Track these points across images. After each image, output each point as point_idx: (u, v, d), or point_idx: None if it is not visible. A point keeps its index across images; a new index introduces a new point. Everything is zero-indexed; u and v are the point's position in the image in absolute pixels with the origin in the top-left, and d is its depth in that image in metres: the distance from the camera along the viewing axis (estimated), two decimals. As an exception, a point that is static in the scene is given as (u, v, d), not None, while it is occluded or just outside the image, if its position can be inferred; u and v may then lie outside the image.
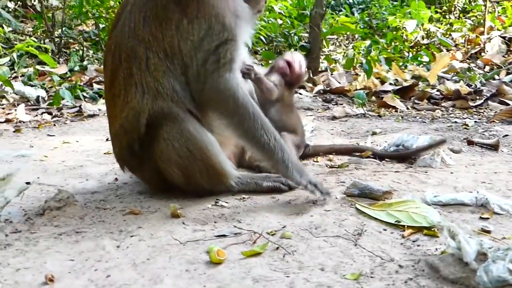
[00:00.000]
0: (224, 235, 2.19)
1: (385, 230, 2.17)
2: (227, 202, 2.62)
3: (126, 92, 2.62)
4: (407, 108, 5.77)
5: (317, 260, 1.91)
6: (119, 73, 2.64)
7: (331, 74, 7.91)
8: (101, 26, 10.05)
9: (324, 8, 7.16)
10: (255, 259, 1.94)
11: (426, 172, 2.92)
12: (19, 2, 14.56)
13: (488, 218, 2.22)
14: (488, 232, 2.05)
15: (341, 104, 6.07)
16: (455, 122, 4.78)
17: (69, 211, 2.48)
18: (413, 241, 2.03)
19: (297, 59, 3.35)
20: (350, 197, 2.56)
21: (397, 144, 3.25)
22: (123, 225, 2.35)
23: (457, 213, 2.31)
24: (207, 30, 2.55)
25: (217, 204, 2.61)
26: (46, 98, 6.51)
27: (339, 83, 7.08)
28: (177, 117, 2.56)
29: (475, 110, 5.52)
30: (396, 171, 3.00)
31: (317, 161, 3.40)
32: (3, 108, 5.88)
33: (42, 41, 9.46)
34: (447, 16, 12.45)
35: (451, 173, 2.90)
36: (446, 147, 3.40)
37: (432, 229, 2.08)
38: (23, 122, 5.23)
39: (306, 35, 9.09)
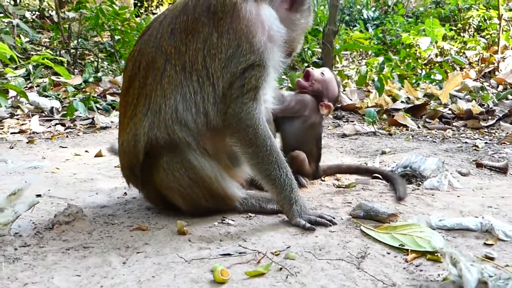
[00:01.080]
0: (229, 254, 2.20)
1: (388, 253, 2.17)
2: (233, 220, 2.65)
3: (138, 102, 2.61)
4: (418, 127, 5.77)
5: (320, 282, 1.92)
6: (135, 81, 2.64)
7: (343, 91, 7.94)
8: (116, 38, 10.19)
9: (337, 25, 7.19)
10: (259, 279, 1.96)
11: (433, 195, 2.92)
12: (37, 13, 14.85)
13: (492, 245, 2.22)
14: (492, 259, 2.05)
15: (352, 122, 6.08)
16: (466, 142, 4.77)
17: (78, 225, 2.52)
18: (416, 266, 2.03)
19: (315, 71, 3.33)
20: (355, 218, 2.57)
21: (405, 165, 3.25)
22: (130, 241, 2.38)
23: (462, 238, 2.30)
24: (236, 48, 2.50)
25: (224, 222, 2.63)
26: (60, 109, 6.62)
27: (351, 100, 7.10)
28: (177, 147, 2.55)
29: (486, 130, 5.50)
30: (403, 193, 3.00)
31: (324, 180, 3.42)
32: (17, 119, 5.98)
33: (58, 52, 9.62)
34: (461, 34, 12.43)
35: (458, 196, 2.90)
36: (454, 170, 3.40)
37: (436, 254, 2.08)
38: (37, 133, 5.33)
39: (320, 50, 9.13)
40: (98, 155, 4.37)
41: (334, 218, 2.58)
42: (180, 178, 2.57)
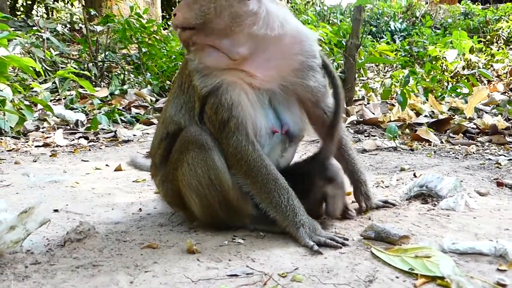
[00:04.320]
0: (236, 275, 2.19)
1: (397, 277, 2.13)
2: (243, 239, 2.64)
3: (171, 98, 2.86)
4: (442, 142, 5.67)
5: (324, 307, 1.89)
6: (175, 81, 2.91)
7: (367, 104, 7.88)
8: (143, 50, 10.36)
9: (360, 39, 7.15)
10: (263, 302, 1.95)
11: (448, 215, 2.86)
12: (67, 26, 15.25)
13: (505, 270, 2.14)
14: (504, 286, 1.98)
15: (374, 136, 6.02)
16: (489, 159, 4.66)
17: (89, 243, 2.55)
18: (425, 292, 1.99)
19: None
20: (366, 239, 2.53)
21: (421, 184, 3.19)
22: (139, 259, 2.40)
23: (474, 262, 2.24)
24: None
25: (234, 240, 2.63)
26: (85, 122, 6.75)
27: (373, 113, 7.04)
28: (205, 144, 2.62)
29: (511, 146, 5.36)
30: (418, 213, 2.94)
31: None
32: (42, 132, 6.12)
33: (86, 65, 9.85)
34: (490, 46, 12.21)
35: (474, 218, 2.83)
36: (473, 189, 3.32)
37: (445, 280, 2.03)
38: (60, 146, 5.44)
39: (343, 61, 9.10)
40: (118, 169, 4.43)
41: (347, 239, 2.55)
42: (201, 175, 2.62)
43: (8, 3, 17.44)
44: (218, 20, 2.56)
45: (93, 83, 9.06)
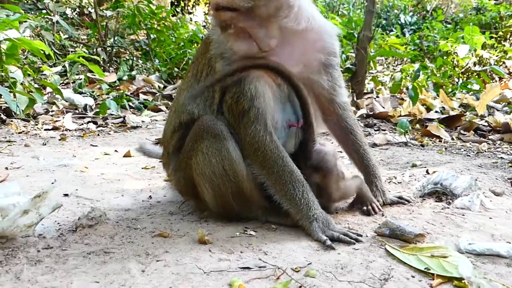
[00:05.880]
0: (248, 268, 2.17)
1: (413, 277, 2.10)
2: (255, 231, 2.61)
3: (185, 87, 2.87)
4: (452, 139, 5.62)
5: (339, 304, 1.86)
6: (189, 70, 2.90)
7: (376, 97, 7.82)
8: (152, 36, 10.30)
9: (372, 32, 7.07)
10: (276, 297, 1.92)
11: (463, 215, 2.82)
12: (77, 10, 15.17)
13: (523, 274, 2.12)
14: (523, 289, 1.95)
15: (384, 130, 5.97)
16: (501, 158, 4.61)
17: (101, 229, 2.53)
18: (441, 292, 1.96)
19: None
20: (380, 236, 2.50)
21: (435, 182, 3.15)
22: (150, 248, 2.37)
23: (492, 264, 2.21)
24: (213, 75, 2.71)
25: (246, 232, 2.60)
26: (93, 107, 6.73)
27: (383, 107, 6.98)
28: (220, 134, 2.60)
29: (524, 145, 5.31)
30: (433, 211, 2.90)
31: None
32: (52, 115, 6.10)
33: (94, 50, 9.81)
34: (502, 43, 12.08)
35: (490, 218, 2.79)
36: (488, 189, 3.27)
37: (463, 281, 1.99)
38: (69, 131, 5.42)
39: (354, 54, 9.03)
40: (127, 155, 4.41)
41: (361, 235, 2.52)
42: (215, 165, 2.61)
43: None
44: (265, 8, 2.50)
45: (102, 67, 9.01)
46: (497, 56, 10.68)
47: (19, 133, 5.19)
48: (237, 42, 2.56)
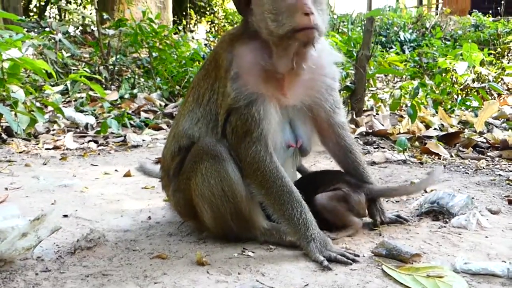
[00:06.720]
0: (245, 289, 2.19)
1: (409, 297, 2.12)
2: (253, 252, 2.63)
3: (186, 112, 2.86)
4: (451, 156, 5.63)
5: (335, 326, 1.88)
6: (189, 95, 2.91)
7: (376, 115, 7.85)
8: (154, 55, 10.39)
9: (370, 50, 7.14)
10: (273, 319, 1.93)
11: (459, 234, 2.83)
12: (80, 28, 15.34)
13: (519, 294, 2.13)
14: (518, 310, 1.97)
15: (383, 148, 5.99)
16: (499, 175, 4.62)
17: (99, 251, 2.56)
18: (437, 313, 1.97)
19: None
20: (377, 256, 2.52)
21: (432, 201, 3.17)
22: (149, 269, 2.39)
23: (487, 284, 2.22)
24: (221, 95, 2.69)
25: (244, 253, 2.62)
26: (94, 125, 6.77)
27: (383, 125, 7.00)
28: (219, 155, 2.63)
29: (522, 162, 5.32)
30: (429, 230, 2.92)
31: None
32: (53, 135, 6.14)
33: (97, 68, 9.89)
34: (500, 59, 12.15)
35: (486, 237, 2.80)
36: (484, 207, 3.29)
37: (458, 302, 2.01)
38: (70, 150, 5.45)
39: (353, 72, 9.09)
40: (127, 174, 4.43)
41: (358, 255, 2.54)
42: (214, 186, 2.63)
43: (22, 3, 17.58)
44: None
45: (104, 86, 9.08)
46: (495, 72, 10.74)
47: (19, 152, 5.23)
48: (282, 60, 2.59)
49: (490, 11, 21.32)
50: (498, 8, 21.31)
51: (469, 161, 5.36)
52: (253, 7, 2.60)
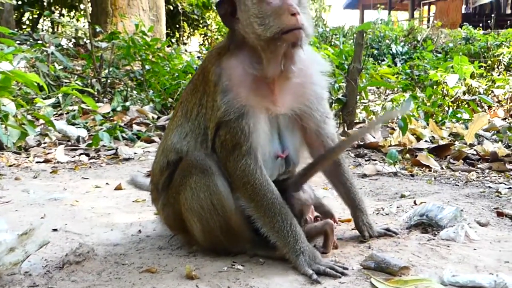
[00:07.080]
0: (234, 303, 2.19)
1: (397, 310, 2.12)
2: (243, 265, 2.63)
3: (174, 127, 2.86)
4: (442, 168, 5.67)
5: None
6: (178, 110, 2.92)
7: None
8: (146, 67, 10.41)
9: (361, 64, 7.20)
10: (261, 333, 1.93)
11: (448, 246, 2.85)
12: (72, 40, 15.36)
13: (505, 306, 2.15)
14: (504, 323, 1.98)
15: (374, 160, 6.02)
16: (489, 187, 4.66)
17: (88, 265, 2.55)
18: (424, 326, 1.98)
19: None
20: (366, 269, 2.53)
21: (421, 213, 3.19)
22: (138, 283, 2.39)
23: (474, 297, 2.24)
24: (210, 108, 2.69)
25: (233, 266, 2.62)
26: (86, 138, 6.75)
27: (374, 137, 7.04)
28: (208, 169, 2.64)
29: (512, 174, 5.36)
30: (418, 243, 2.93)
31: (340, 224, 3.37)
32: (44, 148, 6.12)
33: (89, 80, 9.89)
34: (491, 72, 12.28)
35: (474, 249, 2.82)
36: (473, 219, 3.31)
37: (445, 315, 2.02)
38: (61, 163, 5.43)
39: (345, 84, 9.15)
40: (118, 188, 4.43)
41: (347, 268, 2.54)
42: (203, 200, 2.64)
43: (14, 16, 17.60)
44: None
45: (96, 98, 9.08)
46: (485, 85, 10.84)
47: (9, 166, 5.21)
48: (271, 64, 2.59)
49: (481, 24, 21.62)
50: (488, 22, 21.59)
51: (459, 173, 5.41)
52: (238, 15, 2.60)
